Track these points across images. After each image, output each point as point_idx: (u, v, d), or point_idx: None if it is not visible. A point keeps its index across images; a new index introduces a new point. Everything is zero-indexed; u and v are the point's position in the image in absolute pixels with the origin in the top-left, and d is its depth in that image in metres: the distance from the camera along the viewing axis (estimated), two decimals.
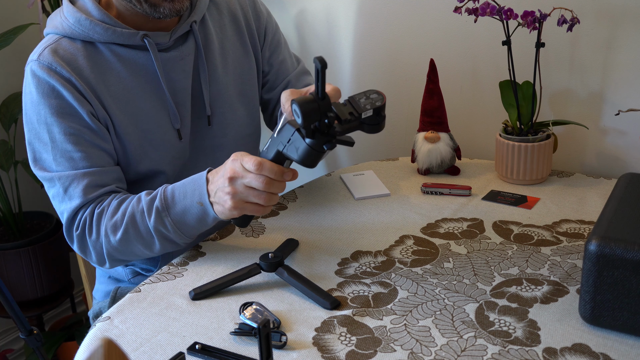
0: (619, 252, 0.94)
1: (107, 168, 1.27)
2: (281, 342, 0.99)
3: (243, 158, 1.11)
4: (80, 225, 1.24)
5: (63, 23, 1.27)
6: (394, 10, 1.79)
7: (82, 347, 1.03)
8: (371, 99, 1.05)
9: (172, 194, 1.19)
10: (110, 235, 1.21)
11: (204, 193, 1.16)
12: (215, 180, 1.15)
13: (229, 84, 1.40)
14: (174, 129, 1.33)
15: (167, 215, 1.18)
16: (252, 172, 1.09)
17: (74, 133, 1.23)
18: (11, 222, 2.17)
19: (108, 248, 1.23)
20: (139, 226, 1.20)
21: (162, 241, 1.21)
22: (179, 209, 1.18)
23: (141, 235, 1.21)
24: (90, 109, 1.25)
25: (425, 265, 1.20)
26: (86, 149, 1.24)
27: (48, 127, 1.23)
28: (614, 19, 1.51)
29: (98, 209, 1.22)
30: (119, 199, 1.23)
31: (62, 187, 1.24)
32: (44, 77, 1.22)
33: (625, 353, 0.95)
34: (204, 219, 1.18)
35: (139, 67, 1.29)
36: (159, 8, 1.23)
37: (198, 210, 1.17)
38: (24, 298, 2.18)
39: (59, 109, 1.23)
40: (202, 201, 1.16)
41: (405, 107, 1.86)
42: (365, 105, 1.04)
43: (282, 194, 1.52)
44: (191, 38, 1.34)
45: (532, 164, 1.49)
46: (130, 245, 1.22)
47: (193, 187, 1.18)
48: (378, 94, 1.06)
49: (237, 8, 1.44)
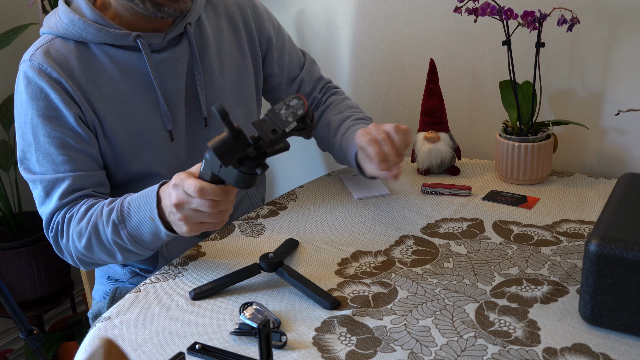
0: (619, 252, 0.94)
1: (89, 173, 1.27)
2: (281, 342, 0.99)
3: (184, 183, 1.05)
4: (54, 228, 1.26)
5: (57, 23, 1.27)
6: (394, 10, 1.79)
7: (82, 347, 1.03)
8: (292, 108, 1.00)
9: (129, 206, 1.17)
10: (76, 241, 1.22)
11: (154, 209, 1.13)
12: (165, 202, 1.11)
13: (226, 86, 1.40)
14: (166, 130, 1.33)
15: (123, 227, 1.17)
16: (196, 198, 1.05)
17: (58, 136, 1.23)
18: (11, 222, 2.17)
19: (76, 252, 1.25)
20: (101, 236, 1.20)
21: (122, 252, 1.21)
22: (134, 222, 1.16)
23: (103, 244, 1.21)
24: (78, 112, 1.25)
25: (425, 265, 1.20)
26: (69, 153, 1.24)
27: (33, 128, 1.24)
28: (614, 19, 1.51)
29: (69, 214, 1.23)
30: (87, 205, 1.22)
31: (43, 190, 1.25)
32: (34, 79, 1.23)
33: (625, 353, 0.95)
34: (156, 234, 1.16)
35: (131, 68, 1.29)
36: (163, 8, 1.23)
37: (150, 224, 1.15)
38: (24, 298, 2.18)
39: (46, 112, 1.23)
40: (153, 217, 1.13)
41: (405, 107, 1.86)
42: (287, 118, 0.99)
43: (282, 194, 1.52)
44: (185, 40, 1.34)
45: (532, 164, 1.49)
46: (94, 252, 1.22)
47: (145, 202, 1.15)
48: (298, 99, 1.01)
49: (235, 10, 1.44)
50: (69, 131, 1.24)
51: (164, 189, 1.13)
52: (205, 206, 1.05)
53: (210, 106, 1.38)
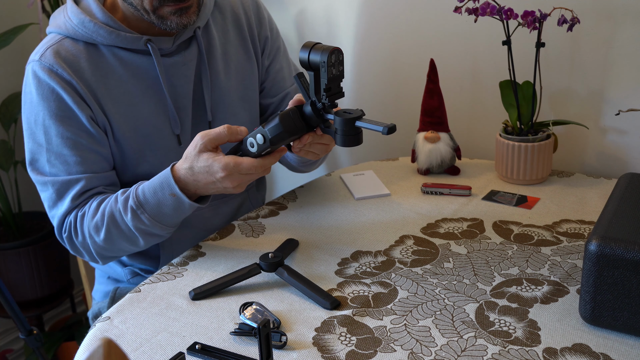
0: (619, 252, 0.94)
1: (101, 174, 1.27)
2: (281, 342, 0.99)
3: (239, 169, 1.14)
4: (67, 228, 1.26)
5: (67, 23, 1.26)
6: (394, 10, 1.79)
7: (82, 347, 1.03)
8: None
9: (143, 192, 1.21)
10: (94, 236, 1.23)
11: (173, 186, 1.18)
12: (205, 178, 1.16)
13: (231, 90, 1.40)
14: (174, 134, 1.33)
15: (143, 212, 1.20)
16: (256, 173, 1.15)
17: (71, 137, 1.23)
18: (11, 222, 2.17)
19: (95, 247, 1.26)
20: (120, 225, 1.22)
21: (144, 236, 1.23)
22: (152, 203, 1.20)
23: (123, 233, 1.22)
24: (89, 112, 1.25)
25: (425, 265, 1.20)
26: (82, 154, 1.24)
27: (45, 129, 1.24)
28: (614, 19, 1.51)
29: (80, 212, 1.24)
30: (98, 200, 1.24)
31: (54, 192, 1.25)
32: (45, 79, 1.22)
33: (625, 353, 0.95)
34: (179, 207, 1.20)
35: (141, 71, 1.29)
36: (166, 21, 1.23)
37: (172, 201, 1.19)
38: (24, 298, 2.18)
39: (58, 112, 1.23)
40: (174, 192, 1.18)
41: (405, 107, 1.86)
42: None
43: (282, 194, 1.52)
44: (194, 44, 1.34)
45: (532, 164, 1.49)
46: (115, 243, 1.24)
47: (160, 182, 1.19)
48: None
49: (240, 12, 1.43)
50: (81, 132, 1.24)
51: (178, 165, 1.19)
52: (260, 170, 1.16)
53: (216, 110, 1.38)
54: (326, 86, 1.07)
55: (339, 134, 1.09)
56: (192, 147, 1.17)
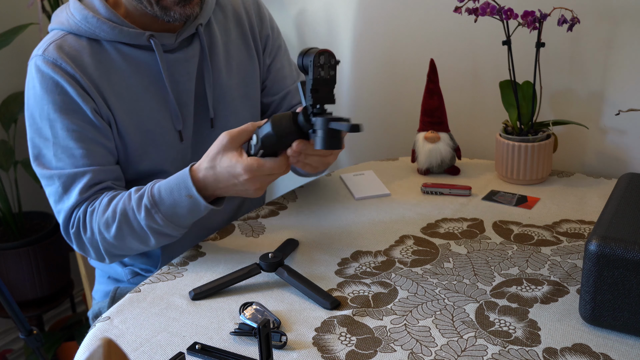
0: (619, 252, 0.94)
1: (107, 167, 1.27)
2: (281, 342, 0.99)
3: (263, 170, 1.14)
4: (75, 223, 1.25)
5: (69, 19, 1.27)
6: (394, 10, 1.79)
7: (82, 347, 1.03)
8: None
9: (159, 191, 1.20)
10: (104, 232, 1.22)
11: (191, 187, 1.17)
12: (219, 176, 1.16)
13: (233, 87, 1.40)
14: (176, 130, 1.33)
15: (157, 211, 1.19)
16: (274, 167, 1.15)
17: (77, 130, 1.23)
18: (11, 222, 2.17)
19: (104, 244, 1.24)
20: (132, 223, 1.21)
21: (156, 236, 1.23)
22: (168, 203, 1.19)
23: (135, 231, 1.22)
24: (93, 106, 1.25)
25: (425, 265, 1.20)
26: (88, 146, 1.24)
27: (51, 122, 1.23)
28: (614, 19, 1.51)
29: (90, 207, 1.23)
30: (109, 196, 1.23)
31: (61, 186, 1.24)
32: (48, 73, 1.22)
33: (625, 353, 0.95)
34: (194, 209, 1.20)
35: (143, 67, 1.29)
36: (169, 12, 1.24)
37: (187, 203, 1.18)
38: (23, 298, 2.18)
39: (63, 105, 1.23)
40: (191, 194, 1.18)
41: (405, 107, 1.86)
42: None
43: (282, 194, 1.52)
44: (196, 40, 1.34)
45: (532, 164, 1.49)
46: (125, 240, 1.23)
47: (177, 183, 1.19)
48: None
49: (241, 11, 1.44)
50: (87, 124, 1.24)
51: (197, 165, 1.19)
52: (283, 169, 1.16)
53: (217, 107, 1.38)
54: (312, 87, 1.07)
55: (317, 135, 1.08)
56: (215, 146, 1.16)
